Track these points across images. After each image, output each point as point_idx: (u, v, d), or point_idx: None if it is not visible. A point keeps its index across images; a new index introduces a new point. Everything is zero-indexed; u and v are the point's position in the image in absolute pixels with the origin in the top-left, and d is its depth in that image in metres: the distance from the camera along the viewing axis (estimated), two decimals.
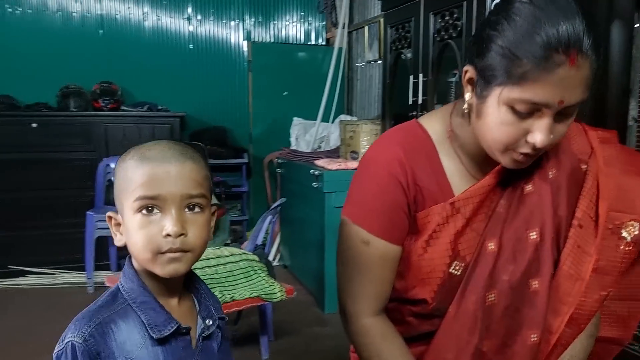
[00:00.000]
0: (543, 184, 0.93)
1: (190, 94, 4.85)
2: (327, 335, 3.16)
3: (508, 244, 0.92)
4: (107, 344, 0.81)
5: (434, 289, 0.92)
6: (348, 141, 3.67)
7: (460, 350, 0.93)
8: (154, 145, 0.86)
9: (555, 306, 0.93)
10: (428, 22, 2.76)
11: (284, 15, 5.11)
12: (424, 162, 0.93)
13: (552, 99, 0.78)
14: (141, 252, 0.82)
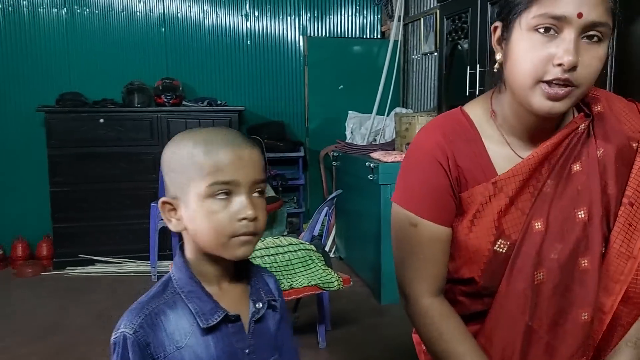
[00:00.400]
0: (591, 163, 0.93)
1: (248, 89, 4.98)
2: (385, 325, 3.19)
3: (555, 223, 0.92)
4: (157, 334, 0.83)
5: (480, 267, 0.94)
6: (403, 133, 3.67)
7: (512, 328, 0.94)
8: (215, 131, 0.86)
9: (607, 285, 0.93)
10: (486, 11, 2.74)
11: (339, 10, 5.15)
12: (465, 145, 0.96)
13: (571, 11, 0.79)
14: (214, 236, 0.83)
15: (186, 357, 0.84)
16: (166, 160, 0.87)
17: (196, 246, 0.88)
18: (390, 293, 3.51)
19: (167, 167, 0.87)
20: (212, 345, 0.85)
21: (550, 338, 0.94)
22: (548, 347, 0.94)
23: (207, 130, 0.87)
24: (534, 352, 0.94)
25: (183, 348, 0.84)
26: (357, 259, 4.00)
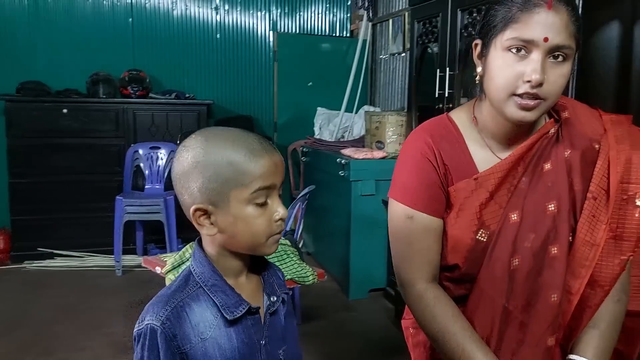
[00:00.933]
0: (559, 163, 1.05)
1: (216, 83, 4.95)
2: (353, 320, 3.26)
3: (529, 215, 1.03)
4: (182, 326, 0.86)
5: (464, 254, 1.04)
6: (373, 131, 3.75)
7: (491, 309, 1.05)
8: (247, 137, 0.88)
9: (575, 270, 1.04)
10: (455, 17, 2.82)
11: (310, 7, 5.18)
12: (450, 146, 1.07)
13: (538, 35, 0.93)
14: (254, 239, 0.88)
15: (209, 348, 0.87)
16: (196, 166, 0.86)
17: (219, 243, 0.90)
18: (359, 288, 3.59)
19: (199, 173, 0.86)
20: (234, 336, 0.89)
21: (523, 318, 1.05)
22: (522, 325, 1.05)
23: (239, 136, 0.88)
24: (510, 330, 1.05)
25: (207, 340, 0.87)
26: (325, 254, 4.06)
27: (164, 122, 4.49)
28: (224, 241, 0.90)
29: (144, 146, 4.40)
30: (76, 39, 4.57)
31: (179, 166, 0.89)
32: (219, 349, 0.88)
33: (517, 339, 1.06)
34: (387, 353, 2.88)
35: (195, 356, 0.86)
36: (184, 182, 0.88)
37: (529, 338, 1.06)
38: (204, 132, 0.90)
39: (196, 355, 0.86)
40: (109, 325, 3.15)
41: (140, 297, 3.60)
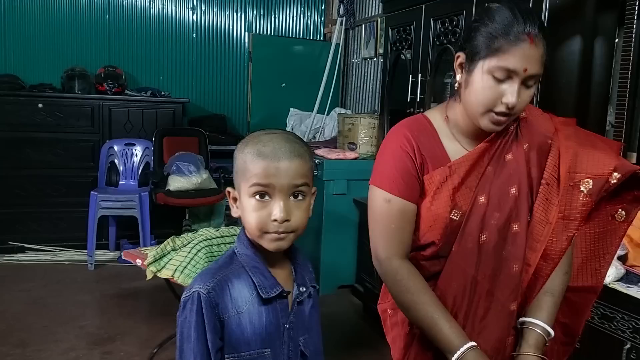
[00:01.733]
0: (519, 153, 1.22)
1: (192, 82, 5.01)
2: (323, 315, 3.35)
3: (494, 197, 1.20)
4: (224, 297, 0.98)
5: (439, 232, 1.19)
6: (346, 133, 3.88)
7: (462, 279, 1.20)
8: (270, 142, 0.99)
9: (532, 244, 1.22)
10: (429, 27, 2.97)
11: (285, 9, 5.28)
12: (426, 139, 1.22)
13: (519, 66, 1.08)
14: (251, 229, 1.00)
15: (243, 321, 0.99)
16: (235, 156, 1.03)
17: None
18: (328, 284, 3.71)
19: (234, 161, 1.03)
20: (264, 315, 1.01)
21: (490, 286, 1.21)
22: (488, 293, 1.21)
23: (266, 139, 1.00)
24: (478, 298, 1.21)
25: (242, 313, 0.99)
26: None
27: (140, 119, 4.53)
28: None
29: (119, 142, 4.43)
30: (52, 34, 4.57)
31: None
32: (250, 323, 1.00)
33: (485, 306, 1.22)
34: (355, 345, 3.01)
35: (230, 325, 0.99)
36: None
37: (495, 304, 1.22)
38: (257, 132, 1.04)
39: (231, 325, 0.99)
40: (83, 318, 3.18)
41: (113, 290, 3.64)
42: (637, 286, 1.83)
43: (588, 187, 1.20)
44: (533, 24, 1.09)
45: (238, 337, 0.99)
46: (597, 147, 1.25)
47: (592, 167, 1.21)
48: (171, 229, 4.15)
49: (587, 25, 2.23)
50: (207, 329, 0.97)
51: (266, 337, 1.01)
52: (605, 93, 2.29)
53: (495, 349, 1.23)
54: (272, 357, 1.02)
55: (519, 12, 1.10)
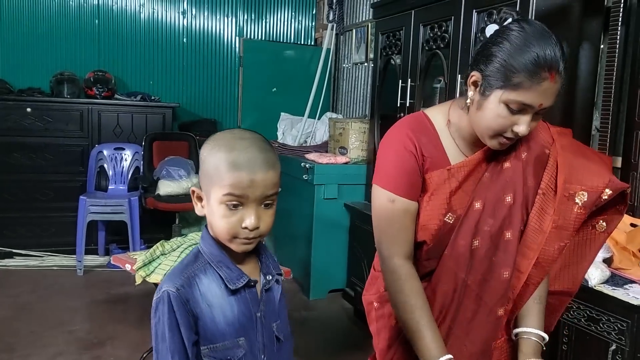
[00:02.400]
0: (517, 162, 1.24)
1: (182, 86, 5.01)
2: (313, 318, 3.39)
3: (490, 204, 1.22)
4: (194, 293, 1.01)
5: (432, 232, 1.21)
6: (337, 137, 3.89)
7: (452, 282, 1.23)
8: (245, 151, 0.99)
9: (525, 252, 1.24)
10: (418, 32, 3.00)
11: (276, 14, 5.30)
12: (428, 140, 1.23)
13: (537, 102, 1.09)
14: (221, 233, 1.02)
15: (215, 313, 1.02)
16: (203, 156, 1.04)
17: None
18: (319, 289, 3.72)
19: (202, 162, 1.03)
20: (235, 306, 1.05)
21: (479, 291, 1.23)
22: (477, 297, 1.23)
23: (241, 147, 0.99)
24: (467, 301, 1.24)
25: (213, 307, 1.02)
26: (287, 255, 4.17)
27: (129, 123, 4.52)
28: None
29: (109, 147, 4.41)
30: (40, 38, 4.55)
31: (200, 155, 1.06)
32: (223, 316, 1.03)
33: (472, 309, 1.24)
34: (345, 349, 3.02)
35: (204, 319, 1.02)
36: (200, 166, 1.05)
37: (482, 308, 1.24)
38: (226, 133, 1.05)
39: (205, 319, 1.02)
40: (72, 323, 3.17)
41: (103, 296, 3.62)
42: (622, 288, 1.85)
43: (583, 199, 1.21)
44: (557, 62, 1.06)
45: (212, 329, 1.02)
46: (591, 159, 1.27)
47: (587, 180, 1.22)
48: (161, 233, 4.15)
49: (573, 31, 2.26)
50: (180, 326, 0.99)
51: (239, 327, 1.04)
52: (590, 98, 2.32)
53: (482, 351, 1.26)
54: (247, 345, 1.06)
55: (547, 51, 1.06)
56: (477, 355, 1.25)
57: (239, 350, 1.04)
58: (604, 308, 1.79)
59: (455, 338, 1.25)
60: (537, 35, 1.08)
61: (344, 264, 3.73)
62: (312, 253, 3.64)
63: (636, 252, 1.97)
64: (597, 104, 2.29)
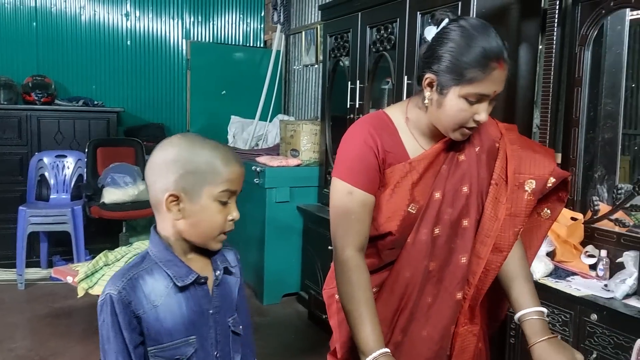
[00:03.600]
0: (471, 155, 1.31)
1: (127, 91, 4.88)
2: (267, 324, 3.35)
3: (449, 194, 1.28)
4: (137, 294, 1.02)
5: (397, 223, 1.26)
6: (288, 140, 3.87)
7: (415, 269, 1.28)
8: (223, 147, 1.06)
9: (482, 239, 1.31)
10: (365, 34, 3.02)
11: (223, 16, 5.23)
12: (388, 136, 1.28)
13: (491, 90, 1.17)
14: (210, 230, 1.05)
15: (161, 313, 1.03)
16: (182, 157, 1.03)
17: (177, 229, 1.06)
18: (273, 294, 3.68)
19: (185, 163, 1.02)
20: (184, 304, 1.05)
21: (439, 276, 1.30)
22: (437, 282, 1.30)
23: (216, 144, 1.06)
24: (428, 287, 1.30)
25: (159, 306, 1.03)
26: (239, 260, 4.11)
27: (71, 130, 4.37)
28: (182, 230, 1.06)
29: (49, 154, 4.25)
30: None
31: (162, 157, 1.04)
32: (170, 314, 1.04)
33: (433, 294, 1.31)
34: (301, 353, 2.99)
35: (148, 320, 1.02)
36: (162, 171, 1.03)
37: (442, 292, 1.31)
38: (189, 135, 1.08)
39: (149, 319, 1.02)
40: (12, 340, 3.02)
41: (45, 310, 3.48)
42: (565, 281, 1.91)
43: (531, 186, 1.30)
44: (502, 50, 1.15)
45: (158, 329, 1.03)
46: (536, 151, 1.36)
47: (534, 169, 1.32)
48: (107, 243, 4.02)
49: (512, 32, 2.32)
50: (122, 328, 1.01)
51: (189, 325, 1.06)
52: (531, 97, 2.39)
53: (442, 336, 1.32)
54: (199, 343, 1.07)
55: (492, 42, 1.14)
56: (436, 339, 1.31)
57: (188, 349, 1.06)
58: (548, 300, 1.84)
59: (416, 323, 1.31)
60: (479, 29, 1.16)
61: (297, 267, 3.70)
62: (265, 257, 3.60)
63: (577, 245, 2.03)
64: (537, 102, 2.36)
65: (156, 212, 1.07)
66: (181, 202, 1.03)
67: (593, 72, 2.10)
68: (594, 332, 1.72)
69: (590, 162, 2.14)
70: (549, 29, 2.11)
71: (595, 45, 2.08)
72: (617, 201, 2.01)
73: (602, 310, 1.71)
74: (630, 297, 1.75)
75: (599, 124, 2.14)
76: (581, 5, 2.06)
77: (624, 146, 2.24)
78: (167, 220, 1.05)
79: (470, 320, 1.36)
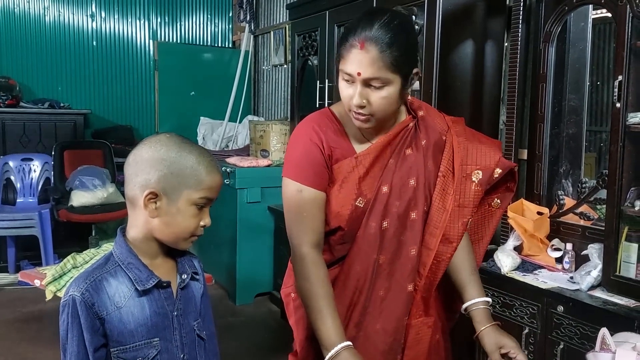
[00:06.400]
0: (418, 149, 1.33)
1: (94, 92, 4.80)
2: (240, 324, 3.33)
3: (396, 187, 1.30)
4: (100, 296, 1.02)
5: (345, 217, 1.28)
6: (258, 140, 3.85)
7: (365, 262, 1.30)
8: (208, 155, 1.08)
9: (432, 230, 1.33)
10: (333, 33, 3.02)
11: (191, 16, 5.18)
12: (333, 132, 1.30)
13: (353, 70, 1.18)
14: (181, 232, 1.07)
15: (124, 315, 1.03)
16: (168, 157, 1.03)
17: (149, 228, 1.07)
18: (245, 294, 3.66)
19: (170, 164, 1.03)
20: (147, 306, 1.06)
21: (390, 269, 1.32)
22: (389, 275, 1.32)
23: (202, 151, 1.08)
24: (379, 280, 1.31)
25: (122, 308, 1.03)
26: (210, 262, 4.07)
27: (37, 132, 4.28)
28: (154, 227, 1.06)
29: (15, 158, 4.17)
30: None
31: (148, 153, 1.04)
32: (132, 316, 1.04)
33: (385, 287, 1.32)
34: (274, 352, 2.99)
35: (111, 322, 1.03)
36: (146, 167, 1.03)
37: (394, 285, 1.32)
38: (178, 136, 1.08)
39: (112, 321, 1.03)
40: None
41: (14, 315, 3.40)
42: (532, 274, 1.94)
43: (478, 177, 1.34)
44: (364, 30, 1.16)
45: (121, 331, 1.03)
46: (483, 142, 1.40)
47: (480, 160, 1.35)
48: (77, 246, 3.94)
49: (478, 30, 2.35)
50: (84, 331, 1.01)
51: (152, 327, 1.06)
52: (497, 93, 2.43)
53: (395, 328, 1.33)
54: (163, 345, 1.07)
55: (358, 20, 1.19)
56: (390, 332, 1.32)
57: (151, 351, 1.06)
58: (516, 294, 1.87)
59: (370, 317, 1.32)
60: (362, 15, 1.20)
61: (270, 267, 3.69)
62: (237, 258, 3.58)
63: (543, 238, 2.07)
64: (504, 99, 2.40)
65: (131, 206, 1.07)
66: (159, 200, 1.04)
67: (557, 68, 2.14)
68: (560, 323, 1.76)
69: (556, 157, 2.19)
70: (514, 26, 2.15)
71: (559, 41, 2.12)
72: (582, 195, 2.06)
73: (568, 302, 1.74)
74: (595, 288, 1.79)
75: (563, 120, 2.19)
76: (545, 2, 2.10)
77: (589, 142, 2.30)
78: (141, 216, 1.05)
79: (425, 312, 1.38)
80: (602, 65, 2.31)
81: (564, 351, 1.74)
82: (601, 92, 2.34)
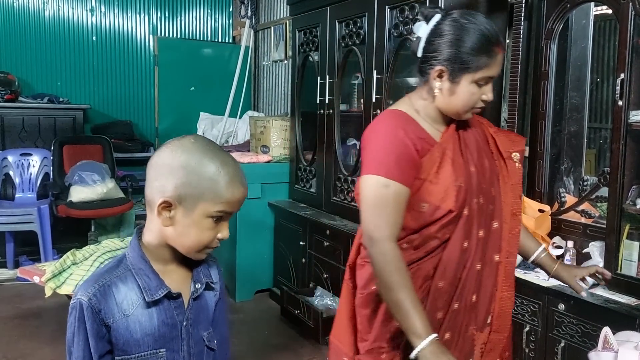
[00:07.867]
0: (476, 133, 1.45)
1: (94, 87, 4.78)
2: (240, 321, 3.33)
3: (478, 166, 1.40)
4: (108, 302, 0.99)
5: (453, 199, 1.34)
6: (258, 136, 3.84)
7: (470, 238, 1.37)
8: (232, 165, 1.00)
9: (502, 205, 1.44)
10: (334, 29, 3.01)
11: (191, 11, 5.16)
12: (412, 128, 1.37)
13: (497, 72, 1.33)
14: (196, 243, 1.00)
15: (131, 324, 1.00)
16: (188, 165, 0.97)
17: (163, 235, 1.02)
18: (245, 290, 3.66)
19: (189, 172, 0.97)
20: (155, 316, 1.02)
21: (485, 242, 1.39)
22: (484, 247, 1.40)
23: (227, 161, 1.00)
24: (477, 253, 1.38)
25: (129, 316, 1.00)
26: None
27: (36, 127, 4.27)
28: (169, 235, 1.01)
29: (14, 153, 4.15)
30: None
31: (169, 158, 0.99)
32: (139, 325, 1.00)
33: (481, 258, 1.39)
34: (273, 348, 2.99)
35: (118, 329, 0.99)
36: (165, 172, 0.98)
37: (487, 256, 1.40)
38: (203, 142, 1.01)
39: (119, 328, 0.99)
40: None
41: (13, 311, 3.39)
42: (533, 272, 1.94)
43: (517, 157, 1.47)
44: (497, 34, 1.31)
45: (127, 339, 1.00)
46: (506, 133, 1.54)
47: (514, 145, 1.48)
48: (76, 242, 3.94)
49: None
50: (90, 336, 0.98)
51: (159, 337, 1.02)
52: (498, 91, 2.42)
53: (489, 299, 1.41)
54: (169, 356, 1.04)
55: (489, 29, 1.30)
56: (485, 304, 1.40)
57: None
58: (517, 292, 1.86)
59: (467, 291, 1.38)
60: (474, 20, 1.30)
61: (270, 263, 3.69)
62: (237, 254, 3.57)
63: (544, 236, 2.07)
64: (505, 96, 2.39)
65: (149, 208, 1.02)
66: (174, 209, 0.99)
67: (559, 65, 2.13)
68: (561, 321, 1.76)
69: (557, 154, 2.18)
70: (515, 23, 2.14)
71: (561, 39, 2.11)
72: (583, 193, 2.06)
73: (569, 300, 1.74)
74: (596, 286, 1.79)
75: (565, 117, 2.18)
76: None
77: (590, 139, 2.29)
78: (156, 221, 1.01)
79: (509, 286, 1.44)
80: (603, 62, 2.31)
81: (564, 349, 1.74)
82: (602, 89, 2.33)
